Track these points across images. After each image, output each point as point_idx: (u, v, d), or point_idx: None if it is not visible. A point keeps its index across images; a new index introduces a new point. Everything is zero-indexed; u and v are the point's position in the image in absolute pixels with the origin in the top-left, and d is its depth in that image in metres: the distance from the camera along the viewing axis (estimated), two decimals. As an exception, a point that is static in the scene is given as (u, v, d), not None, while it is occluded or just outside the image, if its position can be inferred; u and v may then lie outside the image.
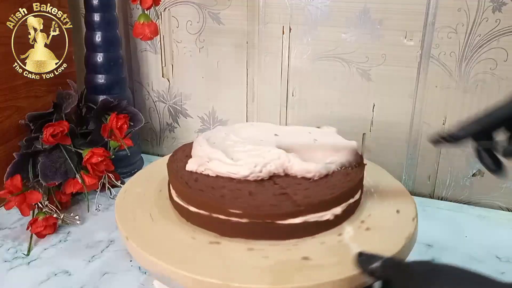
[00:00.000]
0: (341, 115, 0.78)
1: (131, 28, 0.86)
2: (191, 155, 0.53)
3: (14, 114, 0.70)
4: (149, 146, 0.95)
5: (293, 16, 0.75)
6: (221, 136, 0.55)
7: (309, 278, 0.40)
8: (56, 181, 0.66)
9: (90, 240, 0.64)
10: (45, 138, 0.65)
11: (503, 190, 0.74)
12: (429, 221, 0.69)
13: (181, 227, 0.48)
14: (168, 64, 0.87)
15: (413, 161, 0.77)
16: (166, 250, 0.44)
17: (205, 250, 0.44)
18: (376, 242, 0.45)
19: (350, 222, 0.48)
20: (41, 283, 0.56)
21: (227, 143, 0.53)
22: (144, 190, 0.55)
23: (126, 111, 0.75)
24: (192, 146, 0.55)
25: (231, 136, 0.55)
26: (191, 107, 0.89)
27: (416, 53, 0.71)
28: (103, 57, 0.78)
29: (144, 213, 0.50)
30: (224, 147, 0.52)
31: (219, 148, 0.51)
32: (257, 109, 0.84)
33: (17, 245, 0.63)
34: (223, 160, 0.49)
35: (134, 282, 0.56)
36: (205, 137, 0.55)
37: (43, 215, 0.64)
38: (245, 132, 0.56)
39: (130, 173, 0.81)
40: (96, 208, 0.72)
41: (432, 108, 0.73)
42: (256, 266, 0.42)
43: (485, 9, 0.66)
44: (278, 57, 0.79)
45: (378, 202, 0.52)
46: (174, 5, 0.82)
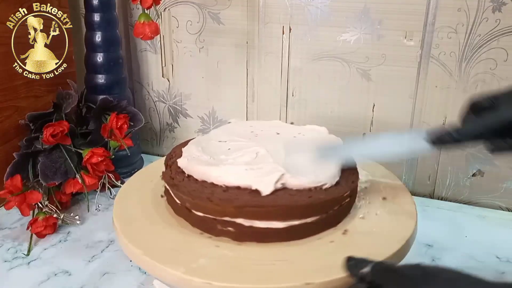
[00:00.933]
0: (341, 115, 0.78)
1: (131, 28, 0.86)
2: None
3: (14, 114, 0.70)
4: (149, 146, 0.95)
5: (293, 16, 0.75)
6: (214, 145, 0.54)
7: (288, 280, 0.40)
8: (56, 181, 0.66)
9: (90, 240, 0.64)
10: (45, 138, 0.65)
11: (503, 190, 0.74)
12: (429, 221, 0.69)
13: (180, 227, 0.47)
14: (168, 64, 0.87)
15: (413, 161, 0.77)
16: (164, 250, 0.44)
17: (204, 250, 0.44)
18: (372, 244, 0.45)
19: (345, 223, 0.48)
20: (41, 283, 0.56)
21: (221, 157, 0.51)
22: (144, 190, 0.55)
23: (126, 111, 0.75)
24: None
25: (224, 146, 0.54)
26: (191, 107, 0.89)
27: (416, 53, 0.71)
28: (103, 57, 0.78)
29: (143, 214, 0.50)
30: (217, 161, 0.50)
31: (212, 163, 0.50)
32: (257, 109, 0.84)
33: (17, 245, 0.63)
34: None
35: (134, 282, 0.56)
36: (199, 144, 0.54)
37: (43, 215, 0.64)
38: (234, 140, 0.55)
39: (130, 173, 0.81)
40: (96, 208, 0.72)
41: (432, 108, 0.73)
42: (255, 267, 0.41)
43: (485, 9, 0.66)
44: (278, 57, 0.79)
45: (377, 203, 0.52)
46: (174, 5, 0.82)
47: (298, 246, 0.44)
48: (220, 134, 0.56)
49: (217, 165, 0.48)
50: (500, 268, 0.59)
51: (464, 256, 0.61)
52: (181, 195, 0.47)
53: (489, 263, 0.60)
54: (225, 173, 0.46)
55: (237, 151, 0.51)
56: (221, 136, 0.56)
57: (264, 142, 0.53)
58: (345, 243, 0.45)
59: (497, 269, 0.59)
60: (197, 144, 0.54)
